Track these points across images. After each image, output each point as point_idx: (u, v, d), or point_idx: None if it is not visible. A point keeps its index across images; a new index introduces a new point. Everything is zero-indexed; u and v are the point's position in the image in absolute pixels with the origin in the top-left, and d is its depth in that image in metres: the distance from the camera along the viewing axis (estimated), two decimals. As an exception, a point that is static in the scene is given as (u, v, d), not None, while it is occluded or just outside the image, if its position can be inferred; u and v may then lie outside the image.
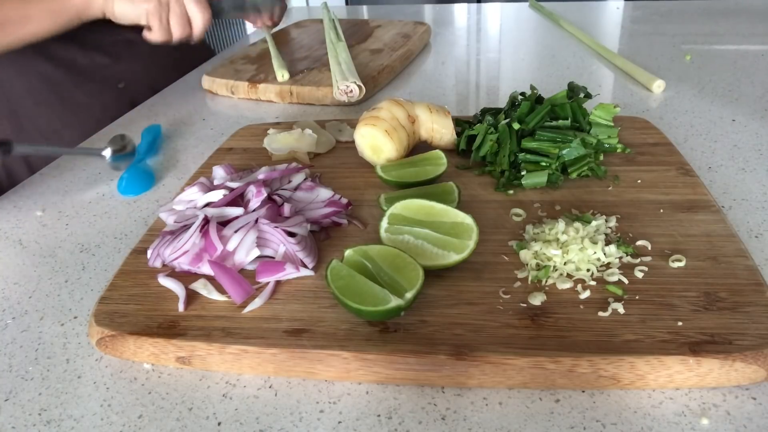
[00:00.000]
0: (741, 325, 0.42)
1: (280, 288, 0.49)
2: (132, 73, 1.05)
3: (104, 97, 1.01)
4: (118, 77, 1.04)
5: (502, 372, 0.41)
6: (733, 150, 0.71)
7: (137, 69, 1.05)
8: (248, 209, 0.55)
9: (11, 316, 0.52)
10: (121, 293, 0.50)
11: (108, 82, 1.02)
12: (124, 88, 1.04)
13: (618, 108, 0.68)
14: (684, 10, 1.33)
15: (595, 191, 0.60)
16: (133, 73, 1.05)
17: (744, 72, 0.95)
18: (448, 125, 0.68)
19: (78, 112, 0.99)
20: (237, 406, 0.42)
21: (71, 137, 0.97)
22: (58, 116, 0.98)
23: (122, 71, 1.04)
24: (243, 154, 0.74)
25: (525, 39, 1.24)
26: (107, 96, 1.02)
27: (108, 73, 1.02)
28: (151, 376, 0.45)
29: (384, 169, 0.63)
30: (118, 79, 1.03)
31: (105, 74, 1.02)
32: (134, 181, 0.72)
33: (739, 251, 0.49)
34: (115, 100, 1.01)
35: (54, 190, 0.73)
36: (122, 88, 1.04)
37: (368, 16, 1.50)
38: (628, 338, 0.41)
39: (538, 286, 0.47)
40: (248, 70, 1.02)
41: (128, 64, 1.04)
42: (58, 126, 0.98)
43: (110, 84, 1.03)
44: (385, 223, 0.52)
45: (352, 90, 0.88)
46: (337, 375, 0.43)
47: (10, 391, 0.45)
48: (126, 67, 1.04)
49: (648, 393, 0.41)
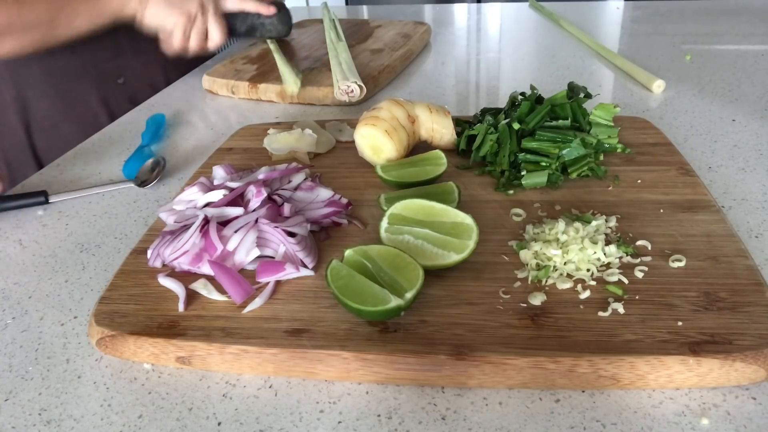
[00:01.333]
0: (741, 325, 0.42)
1: (280, 288, 0.49)
2: (132, 68, 1.05)
3: (103, 92, 1.02)
4: (119, 72, 1.04)
5: (502, 372, 0.41)
6: (733, 150, 0.71)
7: (137, 65, 1.06)
8: (248, 209, 0.55)
9: (11, 316, 0.52)
10: (121, 293, 0.50)
11: (108, 77, 1.02)
12: (124, 84, 1.04)
13: (618, 108, 0.68)
14: (684, 10, 1.33)
15: (595, 191, 0.60)
16: (133, 69, 1.05)
17: (744, 72, 0.95)
18: (448, 125, 0.68)
19: (76, 105, 0.99)
20: (237, 406, 0.42)
21: (69, 131, 0.98)
22: (58, 109, 0.98)
23: (123, 66, 1.04)
24: (243, 154, 0.74)
25: (525, 39, 1.24)
26: (106, 91, 1.02)
27: (108, 68, 1.02)
28: (151, 376, 0.45)
29: (384, 169, 0.63)
30: (119, 74, 1.04)
31: (105, 68, 1.02)
32: (138, 166, 0.75)
33: (739, 251, 0.49)
34: (113, 95, 1.01)
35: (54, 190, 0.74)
36: (122, 83, 1.04)
37: (368, 16, 1.50)
38: (628, 338, 0.41)
39: (538, 286, 0.47)
40: (249, 70, 1.02)
41: (129, 60, 1.04)
42: (58, 119, 0.98)
43: (110, 79, 1.03)
44: (385, 223, 0.53)
45: (353, 90, 0.88)
46: (337, 375, 0.43)
47: (10, 391, 0.45)
48: (126, 63, 1.04)
49: (648, 393, 0.41)
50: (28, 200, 0.69)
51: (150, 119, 0.87)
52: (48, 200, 0.69)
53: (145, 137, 0.83)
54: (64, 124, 0.98)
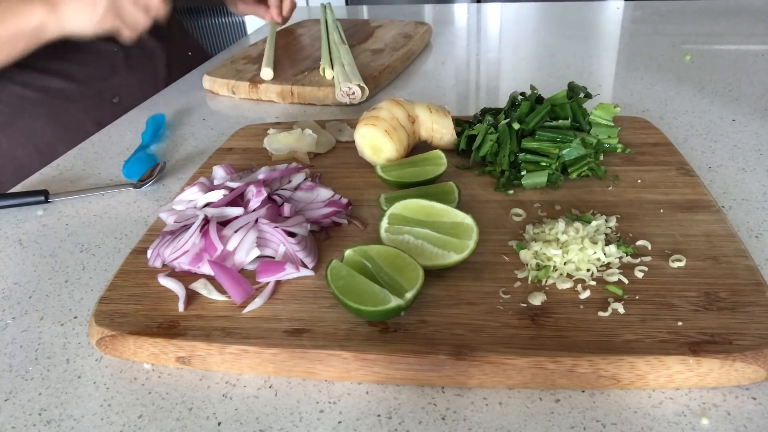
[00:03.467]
0: (741, 325, 0.42)
1: (280, 288, 0.49)
2: (126, 87, 1.05)
3: (98, 112, 1.00)
4: (113, 92, 1.03)
5: (502, 372, 0.41)
6: (733, 150, 0.71)
7: (132, 83, 1.05)
8: (248, 209, 0.55)
9: (11, 316, 0.52)
10: (121, 293, 0.50)
11: (102, 96, 1.02)
12: (119, 104, 1.03)
13: (618, 108, 0.68)
14: (684, 10, 1.34)
15: (595, 191, 0.60)
16: (127, 87, 1.05)
17: (744, 72, 0.95)
18: (448, 125, 0.68)
19: (71, 126, 0.98)
20: (237, 406, 0.42)
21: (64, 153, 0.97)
22: (52, 130, 0.97)
23: (117, 85, 1.03)
24: (243, 154, 0.74)
25: (525, 39, 1.24)
26: (101, 111, 1.00)
27: (103, 87, 1.02)
28: (151, 376, 0.45)
29: (384, 169, 0.63)
30: (113, 93, 1.03)
31: (100, 88, 1.01)
32: (138, 166, 0.75)
33: (739, 251, 0.49)
34: (109, 115, 0.99)
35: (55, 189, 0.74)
36: (116, 103, 1.03)
37: (368, 16, 1.50)
38: (628, 338, 0.41)
39: (538, 286, 0.47)
40: (249, 70, 1.02)
41: (124, 78, 1.04)
42: (51, 140, 0.97)
43: (105, 98, 1.02)
44: (385, 223, 0.52)
45: (355, 92, 0.88)
46: (337, 375, 0.43)
47: (10, 391, 0.45)
48: (121, 82, 1.04)
49: (648, 393, 0.41)
50: (28, 200, 0.69)
51: (150, 119, 0.87)
52: (48, 200, 0.69)
53: (145, 137, 0.83)
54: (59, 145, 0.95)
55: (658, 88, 0.91)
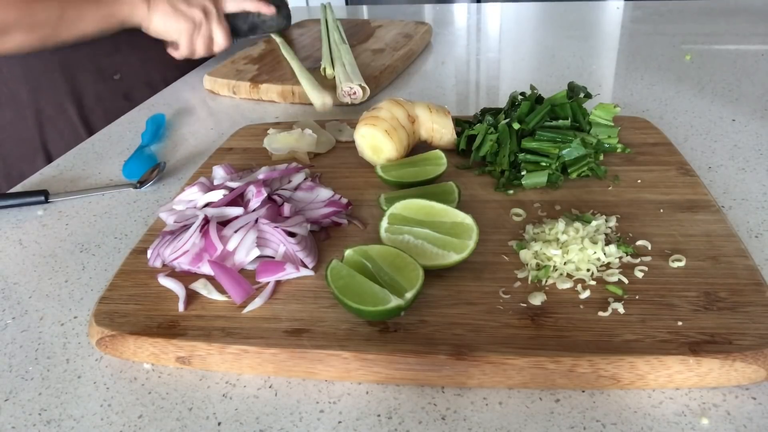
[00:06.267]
0: (741, 325, 0.42)
1: (280, 288, 0.50)
2: (129, 65, 1.05)
3: (98, 87, 1.02)
4: (115, 68, 1.04)
5: (502, 372, 0.41)
6: (733, 150, 0.71)
7: (134, 61, 1.06)
8: (248, 209, 0.55)
9: (11, 316, 0.52)
10: (121, 293, 0.50)
11: (104, 72, 1.02)
12: (120, 80, 1.04)
13: (618, 108, 0.68)
14: (684, 10, 1.33)
15: (595, 191, 0.60)
16: (130, 65, 1.05)
17: (744, 72, 0.95)
18: (448, 125, 0.68)
19: (72, 100, 0.99)
20: (237, 406, 0.42)
21: (64, 127, 0.98)
22: (52, 104, 0.98)
23: (120, 62, 1.04)
24: (243, 154, 0.74)
25: (525, 39, 1.24)
26: (102, 86, 1.02)
27: (105, 63, 1.02)
28: (151, 376, 0.45)
29: (384, 169, 0.63)
30: (114, 70, 1.04)
31: (102, 63, 1.02)
32: (138, 166, 0.76)
33: (739, 251, 0.49)
34: (109, 91, 1.01)
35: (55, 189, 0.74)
36: (118, 79, 1.04)
37: (368, 16, 1.50)
38: (628, 338, 0.41)
39: (538, 286, 0.47)
40: (250, 70, 1.02)
41: (126, 56, 1.04)
42: (52, 113, 0.98)
43: (106, 74, 1.03)
44: (385, 223, 0.52)
45: (356, 92, 0.88)
46: (337, 375, 0.43)
47: (10, 391, 0.45)
48: (124, 59, 1.04)
49: (648, 393, 0.41)
50: (28, 200, 0.69)
51: (150, 119, 0.88)
52: (48, 200, 0.69)
53: (145, 137, 0.83)
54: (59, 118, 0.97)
55: (658, 88, 0.91)
